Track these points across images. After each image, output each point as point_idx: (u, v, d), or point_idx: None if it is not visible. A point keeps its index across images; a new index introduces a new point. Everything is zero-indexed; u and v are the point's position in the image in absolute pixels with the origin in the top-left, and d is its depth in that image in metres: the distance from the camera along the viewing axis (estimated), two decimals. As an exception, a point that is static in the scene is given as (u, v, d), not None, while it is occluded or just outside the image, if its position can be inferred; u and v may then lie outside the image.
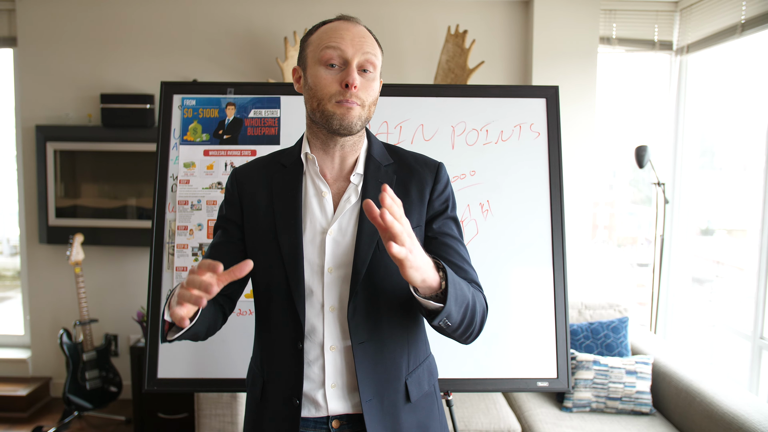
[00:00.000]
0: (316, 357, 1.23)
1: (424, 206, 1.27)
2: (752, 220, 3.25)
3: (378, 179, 1.25)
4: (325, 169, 1.26)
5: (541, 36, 3.45)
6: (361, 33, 1.18)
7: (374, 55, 1.19)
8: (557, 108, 1.91)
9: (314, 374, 1.24)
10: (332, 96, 1.16)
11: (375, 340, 1.23)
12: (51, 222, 3.60)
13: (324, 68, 1.17)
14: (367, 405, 1.22)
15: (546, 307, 1.85)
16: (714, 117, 3.55)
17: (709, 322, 3.54)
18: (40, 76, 3.62)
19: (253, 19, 3.59)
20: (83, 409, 3.29)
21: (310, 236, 1.23)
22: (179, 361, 1.82)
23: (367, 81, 1.19)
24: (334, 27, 1.19)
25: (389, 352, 1.25)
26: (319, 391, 1.23)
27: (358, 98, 1.17)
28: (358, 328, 1.21)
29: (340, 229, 1.23)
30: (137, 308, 3.63)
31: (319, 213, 1.24)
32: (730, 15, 3.06)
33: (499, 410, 2.73)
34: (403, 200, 1.23)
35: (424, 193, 1.27)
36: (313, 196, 1.25)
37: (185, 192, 1.87)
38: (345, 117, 1.17)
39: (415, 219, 1.25)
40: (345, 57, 1.16)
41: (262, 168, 1.32)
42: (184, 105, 1.90)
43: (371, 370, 1.23)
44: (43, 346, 3.81)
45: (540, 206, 1.87)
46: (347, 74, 1.15)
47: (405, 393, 1.26)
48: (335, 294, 1.22)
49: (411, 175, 1.28)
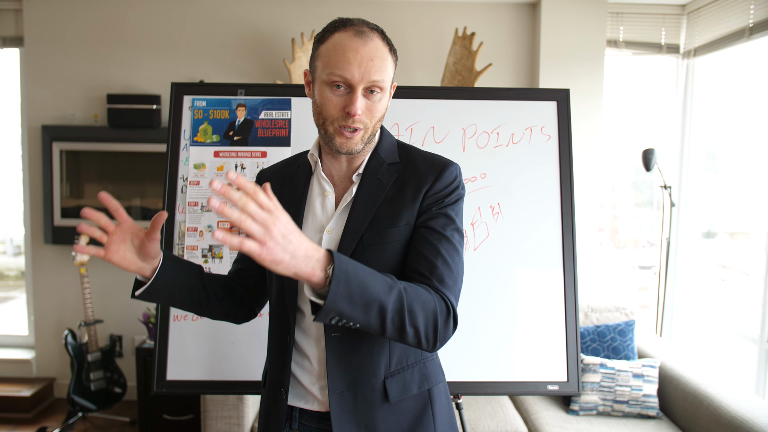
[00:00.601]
0: (312, 351, 1.25)
1: (417, 204, 1.23)
2: (757, 224, 3.24)
3: (376, 176, 1.25)
4: (332, 170, 1.28)
5: (549, 39, 3.45)
6: (370, 54, 1.14)
7: (381, 79, 1.16)
8: (568, 111, 1.90)
9: (311, 368, 1.26)
10: (335, 119, 1.17)
11: (350, 336, 1.21)
12: (56, 222, 3.60)
13: (329, 89, 1.16)
14: (336, 396, 1.21)
15: (556, 310, 1.84)
16: (719, 120, 3.55)
17: (714, 326, 3.53)
18: (47, 76, 3.62)
19: (260, 20, 3.59)
20: (87, 410, 3.28)
21: (309, 234, 1.25)
22: (188, 363, 1.82)
23: (373, 103, 1.17)
24: (344, 46, 1.14)
25: (366, 349, 1.22)
26: (318, 384, 1.25)
27: (361, 122, 1.17)
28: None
29: (336, 227, 1.25)
30: (143, 309, 3.63)
31: (320, 212, 1.26)
32: (738, 18, 3.06)
33: (505, 413, 2.72)
34: (396, 198, 1.23)
35: (420, 191, 1.23)
36: (317, 195, 1.28)
37: (195, 193, 1.87)
38: (343, 145, 1.19)
39: (404, 217, 1.22)
40: (350, 83, 1.14)
41: (282, 169, 1.37)
42: (194, 106, 1.90)
43: (345, 364, 1.21)
44: (48, 346, 3.80)
45: (551, 209, 1.87)
46: (351, 102, 1.14)
47: (383, 392, 1.23)
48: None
49: (413, 174, 1.25)
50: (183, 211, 1.86)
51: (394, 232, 1.22)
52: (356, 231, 1.21)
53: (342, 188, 1.28)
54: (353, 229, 1.21)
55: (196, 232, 1.85)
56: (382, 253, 1.21)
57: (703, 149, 3.61)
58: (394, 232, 1.21)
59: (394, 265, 1.22)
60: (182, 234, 1.85)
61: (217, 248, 1.84)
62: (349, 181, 1.28)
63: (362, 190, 1.24)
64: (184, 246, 1.84)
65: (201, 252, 1.84)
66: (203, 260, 1.84)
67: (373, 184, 1.24)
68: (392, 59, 1.20)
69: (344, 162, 1.27)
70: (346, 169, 1.28)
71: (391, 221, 1.22)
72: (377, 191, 1.23)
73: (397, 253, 1.22)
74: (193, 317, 1.83)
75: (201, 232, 1.85)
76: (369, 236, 1.20)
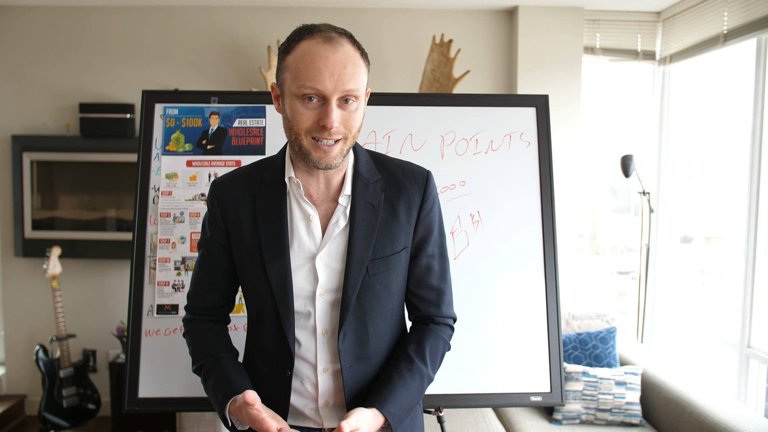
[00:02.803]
0: (309, 378, 1.24)
1: (412, 226, 1.25)
2: (734, 228, 3.27)
3: (366, 199, 1.21)
4: (311, 190, 1.22)
5: (526, 45, 3.45)
6: (342, 61, 1.07)
7: (356, 87, 1.10)
8: (547, 117, 1.89)
9: (307, 392, 1.25)
10: (308, 131, 1.11)
11: (363, 363, 1.24)
12: (27, 234, 3.51)
13: (301, 102, 1.09)
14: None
15: (538, 319, 1.82)
16: (694, 126, 3.58)
17: (695, 331, 3.54)
18: (17, 84, 3.53)
19: (236, 28, 3.55)
20: (60, 427, 3.18)
21: (299, 262, 1.20)
22: (161, 379, 1.76)
23: (349, 113, 1.11)
24: (311, 55, 1.07)
25: (375, 372, 1.26)
26: (313, 407, 1.25)
27: (339, 133, 1.11)
28: (347, 352, 1.21)
29: (330, 253, 1.21)
30: (116, 323, 3.54)
31: (307, 238, 1.21)
32: (713, 25, 3.09)
33: (488, 424, 2.69)
34: (390, 221, 1.23)
35: (412, 212, 1.25)
36: (300, 219, 1.21)
37: (167, 204, 1.81)
38: (321, 160, 1.13)
39: (402, 241, 1.24)
40: (323, 94, 1.08)
41: (243, 183, 1.26)
42: (166, 114, 1.85)
43: (360, 392, 1.23)
44: (18, 362, 3.69)
45: (531, 216, 1.84)
46: (325, 114, 1.08)
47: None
48: (328, 318, 1.22)
49: (399, 192, 1.24)
50: (155, 222, 1.81)
51: (396, 258, 1.23)
52: (362, 261, 1.19)
53: (323, 210, 1.22)
54: (359, 260, 1.19)
55: (168, 244, 1.79)
56: (388, 281, 1.23)
57: (680, 155, 3.64)
58: (395, 259, 1.23)
59: (397, 289, 1.27)
60: (154, 246, 1.79)
61: (190, 260, 1.78)
62: (330, 203, 1.22)
63: (357, 217, 1.20)
64: (156, 258, 1.79)
65: (174, 264, 1.79)
66: (176, 273, 1.78)
67: (366, 208, 1.21)
68: (365, 64, 1.14)
69: (322, 181, 1.22)
70: (324, 189, 1.22)
71: (392, 247, 1.22)
72: (372, 216, 1.21)
73: (400, 278, 1.26)
74: (166, 331, 1.77)
75: (173, 243, 1.79)
76: (374, 266, 1.20)
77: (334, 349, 1.22)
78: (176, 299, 1.78)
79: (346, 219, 1.21)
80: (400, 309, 1.32)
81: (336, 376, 1.24)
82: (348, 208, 1.21)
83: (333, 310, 1.21)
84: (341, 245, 1.21)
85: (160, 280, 1.78)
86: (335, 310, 1.21)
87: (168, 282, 1.78)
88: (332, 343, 1.22)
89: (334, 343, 1.22)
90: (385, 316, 1.25)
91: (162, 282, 1.78)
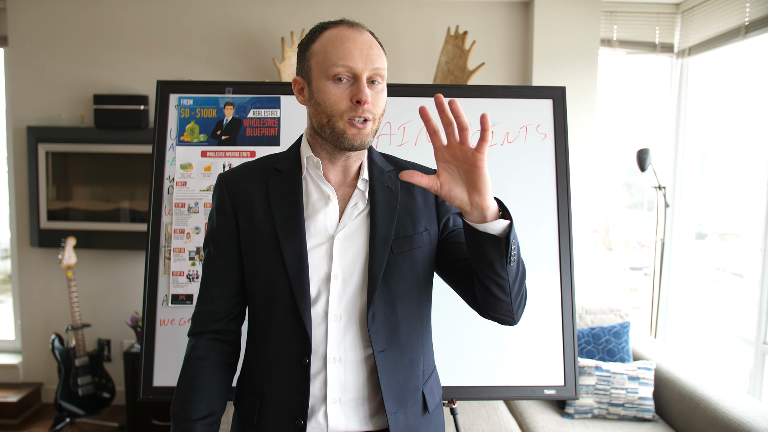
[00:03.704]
0: (317, 370, 1.18)
1: (432, 211, 1.26)
2: (750, 225, 3.23)
3: (384, 183, 1.23)
4: (329, 176, 1.22)
5: (542, 38, 3.42)
6: (368, 43, 1.13)
7: (383, 68, 1.14)
8: (564, 109, 1.86)
9: (315, 389, 1.18)
10: (344, 113, 1.12)
11: (394, 348, 1.19)
12: (43, 225, 3.54)
13: (332, 83, 1.12)
14: (393, 418, 1.17)
15: (553, 313, 1.81)
16: (713, 120, 3.53)
17: (708, 327, 3.51)
18: (32, 76, 3.55)
19: (250, 19, 3.54)
20: (75, 415, 3.22)
21: (315, 242, 1.18)
22: (175, 368, 1.75)
23: (377, 93, 1.14)
24: (340, 37, 1.12)
25: (408, 361, 1.21)
26: (320, 408, 1.17)
27: (370, 113, 1.13)
28: (378, 335, 1.17)
29: (348, 235, 1.19)
30: (131, 313, 3.57)
31: (324, 218, 1.20)
32: (734, 17, 3.04)
33: (500, 417, 2.68)
34: (409, 203, 1.24)
35: (428, 196, 1.26)
36: (317, 200, 1.20)
37: (182, 194, 1.82)
38: (356, 137, 1.13)
39: (423, 223, 1.24)
40: (355, 72, 1.11)
41: (253, 172, 1.25)
42: (180, 105, 1.85)
43: (394, 380, 1.18)
44: (35, 351, 3.73)
45: (547, 210, 1.83)
46: (358, 90, 1.10)
47: (423, 403, 1.23)
48: (342, 302, 1.18)
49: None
50: (169, 213, 1.81)
51: (418, 238, 1.22)
52: (386, 239, 1.18)
53: (341, 194, 1.22)
54: (383, 238, 1.18)
55: (183, 234, 1.80)
56: (413, 260, 1.21)
57: (696, 150, 3.59)
58: (418, 239, 1.22)
59: (423, 270, 1.24)
60: (168, 236, 1.80)
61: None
62: (348, 188, 1.23)
63: (378, 198, 1.21)
64: (170, 248, 1.79)
65: (188, 254, 1.79)
66: (190, 263, 1.79)
67: (385, 191, 1.23)
68: (385, 56, 1.17)
69: (340, 168, 1.22)
70: (342, 175, 1.23)
71: (413, 227, 1.22)
72: (391, 198, 1.22)
73: (423, 260, 1.23)
74: (181, 321, 1.78)
75: (188, 234, 1.80)
76: (397, 245, 1.20)
77: (355, 335, 1.18)
78: (191, 289, 1.78)
79: (365, 202, 1.21)
80: (427, 301, 1.28)
81: (349, 368, 1.18)
82: (366, 192, 1.22)
83: (351, 293, 1.18)
84: (360, 227, 1.20)
85: (174, 270, 1.79)
86: (354, 292, 1.18)
87: (182, 272, 1.79)
88: (348, 328, 1.18)
89: (351, 329, 1.18)
90: (414, 300, 1.22)
91: (176, 272, 1.79)
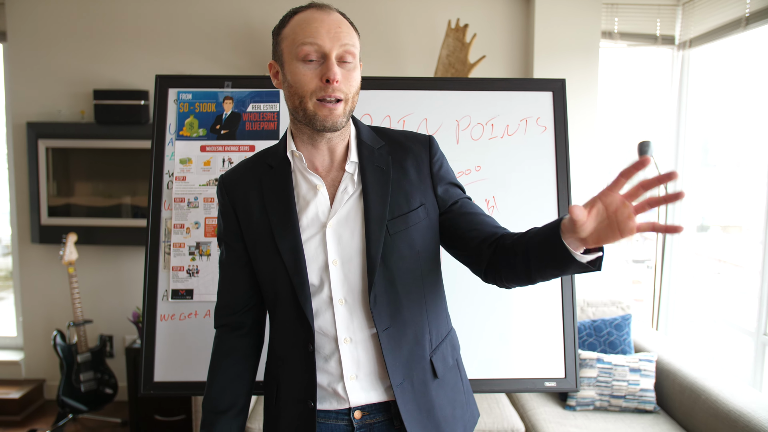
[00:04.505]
0: (331, 352, 1.23)
1: (426, 184, 1.27)
2: (751, 217, 3.22)
3: (374, 162, 1.24)
4: (316, 162, 1.24)
5: (543, 30, 3.41)
6: (336, 22, 1.14)
7: (353, 45, 1.15)
8: (564, 102, 1.86)
9: (332, 368, 1.23)
10: (313, 92, 1.13)
11: (398, 325, 1.22)
12: (43, 221, 3.54)
13: (302, 64, 1.13)
14: (398, 389, 1.22)
15: (553, 306, 1.81)
16: (714, 112, 3.52)
17: (710, 319, 3.51)
18: (31, 71, 3.55)
19: (250, 13, 3.53)
20: (78, 411, 3.23)
21: (309, 233, 1.21)
22: (176, 363, 1.77)
23: (348, 72, 1.15)
24: (308, 19, 1.14)
25: (412, 334, 1.24)
26: (338, 384, 1.23)
27: (341, 92, 1.14)
28: (381, 315, 1.20)
29: (340, 220, 1.21)
30: (132, 308, 3.58)
31: (316, 208, 1.22)
32: (735, 8, 3.02)
33: (502, 409, 2.69)
34: (402, 180, 1.24)
35: (422, 169, 1.27)
36: (307, 191, 1.23)
37: (181, 189, 1.81)
38: (328, 118, 1.15)
39: (418, 198, 1.24)
40: (323, 51, 1.12)
41: (249, 171, 1.29)
42: (179, 99, 1.85)
43: (398, 355, 1.22)
44: (37, 347, 3.74)
45: (547, 202, 1.83)
46: (327, 69, 1.12)
47: (431, 370, 1.27)
48: (344, 286, 1.21)
49: (405, 153, 1.27)
50: (169, 208, 1.81)
51: (414, 215, 1.23)
52: (380, 220, 1.19)
53: (330, 180, 1.24)
54: (377, 219, 1.19)
55: (182, 229, 1.80)
56: (409, 237, 1.22)
57: (698, 142, 3.58)
58: (414, 216, 1.23)
59: (422, 246, 1.25)
60: (168, 231, 1.79)
61: (204, 245, 1.79)
62: (337, 172, 1.24)
63: (369, 180, 1.22)
64: (170, 243, 1.79)
65: (188, 249, 1.79)
66: (190, 258, 1.79)
67: (375, 171, 1.23)
68: (356, 33, 1.19)
69: (326, 152, 1.24)
70: (329, 159, 1.24)
71: (408, 205, 1.23)
72: (383, 178, 1.23)
73: (422, 235, 1.25)
74: (181, 316, 1.78)
75: (188, 228, 1.80)
76: (393, 224, 1.21)
77: (361, 316, 1.22)
78: (191, 284, 1.78)
79: (355, 185, 1.23)
80: (432, 274, 1.30)
81: (361, 346, 1.22)
82: (356, 175, 1.23)
83: (352, 276, 1.21)
84: (353, 211, 1.21)
85: (174, 265, 1.79)
86: (355, 276, 1.21)
87: (182, 267, 1.79)
88: (354, 310, 1.22)
89: (357, 310, 1.22)
90: (415, 276, 1.24)
91: (177, 267, 1.79)
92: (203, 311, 1.78)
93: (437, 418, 1.26)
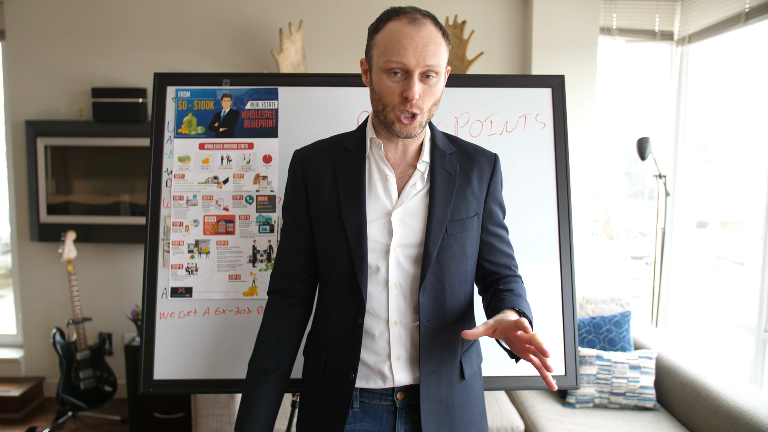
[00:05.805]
0: (381, 332, 1.31)
1: (483, 197, 1.37)
2: (751, 213, 3.22)
3: (443, 167, 1.33)
4: (389, 155, 1.33)
5: (541, 26, 3.40)
6: (425, 39, 1.19)
7: (437, 63, 1.21)
8: (563, 98, 1.85)
9: (380, 348, 1.31)
10: (394, 106, 1.23)
11: (439, 319, 1.31)
12: (42, 219, 3.54)
13: (387, 75, 1.22)
14: (426, 378, 1.30)
15: (553, 303, 1.80)
16: (713, 108, 3.51)
17: (710, 316, 3.51)
18: (30, 70, 3.54)
19: (248, 11, 3.52)
20: (78, 408, 3.23)
21: (374, 216, 1.30)
22: (176, 361, 1.77)
23: (429, 87, 1.23)
24: (398, 33, 1.20)
25: (450, 332, 1.33)
26: (385, 364, 1.31)
27: (417, 108, 1.23)
28: (426, 307, 1.30)
29: (406, 212, 1.31)
30: (131, 306, 3.58)
31: (384, 195, 1.31)
32: (734, 4, 3.02)
33: (501, 407, 2.69)
34: (465, 187, 1.35)
35: (483, 183, 1.38)
36: (377, 179, 1.32)
37: (180, 187, 1.81)
38: (402, 130, 1.25)
39: (474, 207, 1.35)
40: (407, 68, 1.19)
41: (324, 152, 1.38)
42: (178, 97, 1.84)
43: (434, 347, 1.31)
44: (36, 345, 3.74)
45: (546, 200, 1.82)
46: (408, 87, 1.20)
47: (460, 370, 1.36)
48: (401, 272, 1.30)
49: (472, 164, 1.37)
50: (168, 206, 1.81)
51: (470, 222, 1.34)
52: (442, 221, 1.29)
53: (399, 173, 1.33)
54: (439, 219, 1.29)
55: (181, 227, 1.79)
56: (463, 242, 1.33)
57: (697, 138, 3.58)
58: (469, 222, 1.34)
59: (471, 252, 1.36)
60: (167, 229, 1.79)
61: (203, 243, 1.79)
62: (407, 168, 1.34)
63: (437, 181, 1.31)
64: (169, 241, 1.79)
65: (187, 247, 1.79)
66: (189, 256, 1.78)
67: (444, 175, 1.33)
68: (446, 44, 1.25)
69: (400, 148, 1.33)
70: (401, 155, 1.34)
71: (467, 211, 1.34)
72: (449, 182, 1.33)
73: (473, 242, 1.36)
74: (180, 314, 1.78)
75: (187, 226, 1.79)
76: (452, 226, 1.31)
77: (409, 303, 1.30)
78: (190, 282, 1.78)
79: (423, 183, 1.33)
80: (472, 276, 1.40)
81: (408, 330, 1.31)
82: (426, 174, 1.33)
83: (408, 265, 1.30)
84: (418, 206, 1.31)
85: (173, 263, 1.79)
86: (411, 265, 1.30)
87: (181, 265, 1.78)
88: (406, 296, 1.30)
89: (408, 297, 1.30)
90: (461, 277, 1.34)
91: (175, 265, 1.78)
92: (202, 309, 1.78)
93: (454, 417, 1.33)
